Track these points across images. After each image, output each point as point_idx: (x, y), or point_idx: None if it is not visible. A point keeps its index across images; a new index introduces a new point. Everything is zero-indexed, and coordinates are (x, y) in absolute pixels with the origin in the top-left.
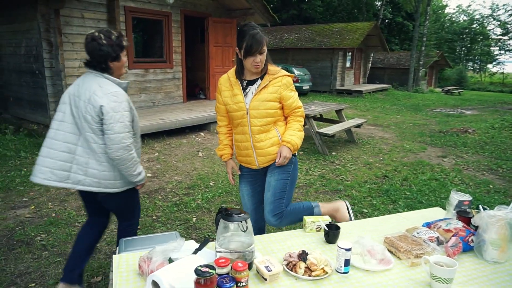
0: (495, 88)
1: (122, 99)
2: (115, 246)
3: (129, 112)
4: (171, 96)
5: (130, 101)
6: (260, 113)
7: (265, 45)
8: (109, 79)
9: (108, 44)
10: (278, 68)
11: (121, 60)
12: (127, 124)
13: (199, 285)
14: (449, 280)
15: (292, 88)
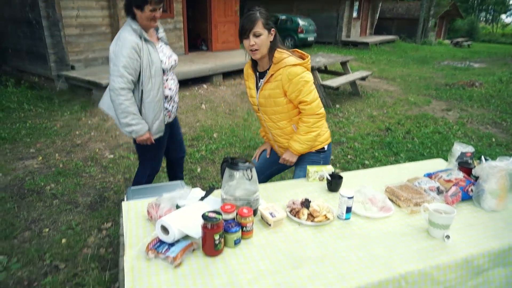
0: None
1: (126, 45)
2: (122, 195)
3: (128, 58)
4: (173, 47)
5: (148, 47)
6: (267, 111)
7: (261, 26)
8: (130, 25)
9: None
10: (285, 55)
11: (144, 12)
12: (119, 69)
13: (206, 229)
14: (446, 226)
15: (297, 80)
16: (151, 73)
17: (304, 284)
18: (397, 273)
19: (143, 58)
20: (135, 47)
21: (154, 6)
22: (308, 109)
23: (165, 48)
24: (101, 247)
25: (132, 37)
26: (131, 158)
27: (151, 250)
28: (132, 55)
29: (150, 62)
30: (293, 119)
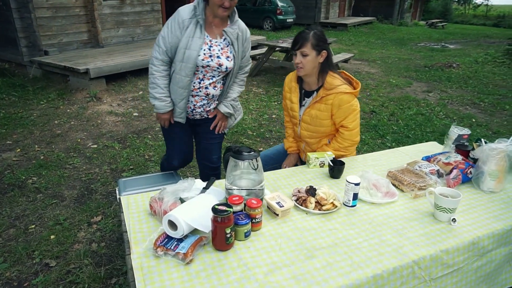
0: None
1: (175, 17)
2: (109, 186)
3: (169, 31)
4: (151, 30)
5: (193, 31)
6: (309, 128)
7: (310, 47)
8: (195, 4)
9: None
10: (338, 82)
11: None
12: (158, 38)
13: (217, 223)
14: (452, 209)
15: (347, 107)
16: (183, 57)
17: (320, 275)
18: (409, 259)
19: (183, 38)
20: (181, 23)
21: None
22: (348, 134)
23: (220, 46)
24: (93, 241)
25: (185, 13)
26: (116, 148)
27: (160, 247)
28: (174, 30)
29: (187, 46)
30: (330, 135)
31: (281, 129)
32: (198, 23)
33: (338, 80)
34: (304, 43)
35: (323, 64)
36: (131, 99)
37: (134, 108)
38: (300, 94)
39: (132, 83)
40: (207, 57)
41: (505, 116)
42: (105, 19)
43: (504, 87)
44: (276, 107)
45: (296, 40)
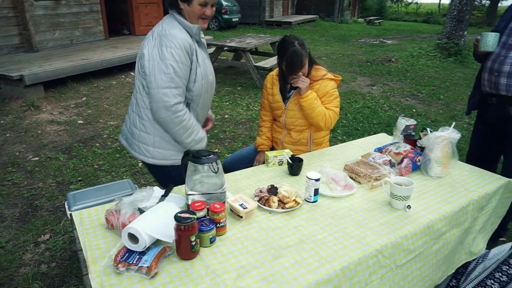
0: (410, 18)
1: (177, 45)
2: (56, 201)
3: (181, 64)
4: (91, 32)
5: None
6: (295, 115)
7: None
8: (175, 18)
9: None
10: (323, 72)
11: (192, 5)
12: (172, 77)
13: (180, 231)
14: (407, 197)
15: (332, 92)
16: (208, 81)
17: (290, 274)
18: (373, 248)
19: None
20: (188, 48)
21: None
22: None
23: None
24: (42, 263)
25: (183, 35)
26: (61, 159)
27: (121, 263)
28: (185, 59)
29: (207, 71)
30: (312, 128)
31: (235, 129)
32: (199, 43)
33: (322, 70)
34: (303, 63)
35: (309, 61)
36: (74, 106)
37: (78, 116)
38: (285, 87)
39: (74, 89)
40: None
41: (440, 105)
42: (39, 21)
43: (437, 78)
44: (228, 107)
45: (296, 63)
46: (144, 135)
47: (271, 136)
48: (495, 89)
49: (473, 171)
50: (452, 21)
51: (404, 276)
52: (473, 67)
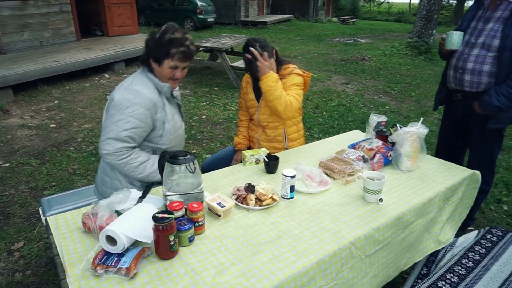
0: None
1: (140, 102)
2: (30, 207)
3: (136, 120)
4: (62, 33)
5: (171, 108)
6: (267, 111)
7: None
8: (148, 78)
9: (156, 40)
10: (289, 70)
11: (163, 67)
12: (120, 134)
13: (159, 231)
14: (379, 191)
15: (296, 84)
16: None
17: (268, 268)
18: (347, 240)
19: (167, 121)
20: (151, 107)
21: (177, 63)
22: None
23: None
24: (17, 271)
25: (149, 93)
26: (33, 164)
27: (99, 266)
28: (144, 117)
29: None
30: (287, 122)
31: (212, 130)
32: (169, 99)
33: (290, 68)
34: (256, 46)
35: (276, 61)
36: (45, 109)
37: (51, 119)
38: (257, 85)
39: (45, 92)
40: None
41: (412, 102)
42: (5, 21)
43: (409, 76)
44: (205, 107)
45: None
46: (116, 183)
47: (248, 135)
48: (460, 86)
49: (440, 164)
50: (421, 21)
51: (371, 264)
52: (442, 65)
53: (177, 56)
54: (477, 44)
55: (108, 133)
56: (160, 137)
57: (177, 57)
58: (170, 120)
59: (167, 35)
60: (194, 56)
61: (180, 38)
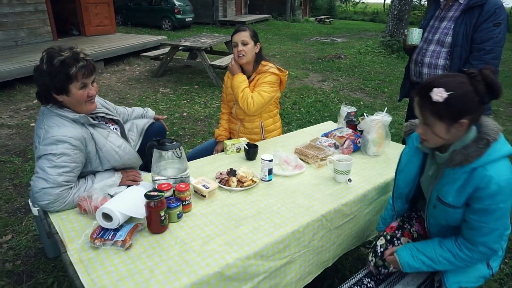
0: (358, 17)
1: (64, 146)
2: (15, 203)
3: (72, 163)
4: (38, 32)
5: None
6: None
7: (249, 37)
8: (60, 116)
9: (47, 71)
10: (267, 67)
11: (72, 94)
12: (56, 180)
13: (151, 208)
14: (347, 171)
15: (264, 82)
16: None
17: (249, 238)
18: (318, 214)
19: (100, 150)
20: (78, 144)
21: (83, 81)
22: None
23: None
24: (7, 262)
25: (71, 131)
26: (16, 162)
27: (97, 239)
28: (75, 156)
29: (110, 151)
30: (263, 115)
31: (193, 126)
32: (94, 126)
33: (268, 66)
34: (243, 33)
35: (257, 54)
36: (24, 109)
37: (31, 118)
38: None
39: (23, 91)
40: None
41: (385, 97)
42: None
43: (382, 73)
44: (186, 105)
45: (236, 31)
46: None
47: (228, 128)
48: (420, 78)
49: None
50: (393, 20)
51: (338, 235)
52: None
53: (80, 74)
54: (433, 41)
55: (41, 183)
56: (101, 165)
57: (80, 75)
58: (103, 147)
59: (55, 60)
60: (95, 67)
61: (71, 55)
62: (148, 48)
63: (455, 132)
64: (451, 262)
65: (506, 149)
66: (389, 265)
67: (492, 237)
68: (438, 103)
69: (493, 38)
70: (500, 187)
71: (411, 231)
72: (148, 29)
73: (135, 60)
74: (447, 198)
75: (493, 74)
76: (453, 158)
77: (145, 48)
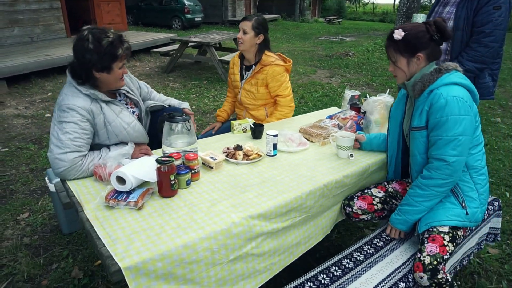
0: (367, 17)
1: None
2: (32, 185)
3: (77, 129)
4: (52, 29)
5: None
6: (249, 94)
7: (250, 27)
8: (78, 89)
9: (95, 50)
10: (272, 59)
11: (113, 72)
12: (63, 146)
13: (161, 172)
14: (349, 147)
15: (279, 78)
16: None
17: (254, 202)
18: (321, 183)
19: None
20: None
21: (124, 61)
22: (283, 101)
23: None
24: (24, 236)
25: (82, 102)
26: (32, 149)
27: (111, 200)
28: (83, 124)
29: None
30: (267, 105)
31: (202, 118)
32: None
33: (272, 57)
34: (245, 23)
35: (260, 45)
36: (39, 101)
37: (45, 110)
38: (242, 68)
39: (39, 84)
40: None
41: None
42: None
43: None
44: (195, 99)
45: (243, 19)
46: None
47: (229, 110)
48: None
49: None
50: (402, 18)
51: (335, 202)
52: None
53: (124, 55)
54: None
55: (55, 150)
56: (108, 140)
57: (124, 56)
58: (112, 121)
59: (104, 40)
60: None
61: (117, 37)
62: (159, 45)
63: (414, 66)
64: (420, 196)
65: (458, 77)
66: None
67: (446, 150)
68: (398, 41)
69: (492, 21)
70: (447, 100)
71: (387, 186)
72: (158, 29)
73: (146, 56)
74: (414, 122)
75: (445, 23)
76: (414, 88)
77: (155, 45)
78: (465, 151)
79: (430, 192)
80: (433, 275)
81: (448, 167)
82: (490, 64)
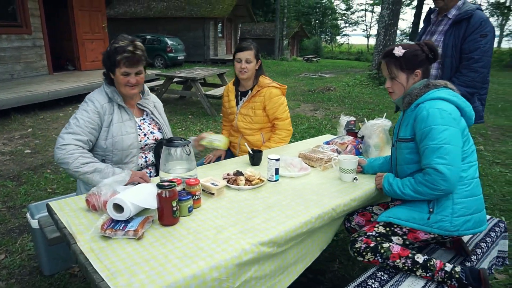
0: (343, 56)
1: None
2: (9, 224)
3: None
4: (34, 67)
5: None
6: (246, 119)
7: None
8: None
9: (107, 52)
10: (268, 81)
11: (116, 76)
12: (73, 126)
13: (162, 198)
14: (353, 170)
15: (276, 100)
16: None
17: (262, 227)
18: (329, 207)
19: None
20: (99, 108)
21: (126, 70)
22: (282, 124)
23: (148, 122)
24: (0, 280)
25: (101, 97)
26: (9, 186)
27: (108, 229)
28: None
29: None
30: (263, 129)
31: None
32: (120, 106)
33: (268, 80)
34: (248, 52)
35: (257, 70)
36: (18, 137)
37: (25, 146)
38: (237, 94)
39: (18, 120)
40: (142, 137)
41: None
42: None
43: (371, 103)
44: (181, 133)
45: (242, 47)
46: None
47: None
48: None
49: None
50: (378, 55)
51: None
52: None
53: (123, 62)
54: None
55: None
56: (105, 140)
57: (123, 63)
58: (115, 124)
59: (113, 45)
60: (142, 61)
61: (123, 45)
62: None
63: (411, 82)
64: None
65: (445, 93)
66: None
67: (433, 158)
68: (400, 57)
69: (480, 47)
70: (429, 112)
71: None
72: None
73: None
74: (400, 133)
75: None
76: (404, 100)
77: None
78: (456, 162)
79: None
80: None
81: (440, 175)
82: (480, 89)
